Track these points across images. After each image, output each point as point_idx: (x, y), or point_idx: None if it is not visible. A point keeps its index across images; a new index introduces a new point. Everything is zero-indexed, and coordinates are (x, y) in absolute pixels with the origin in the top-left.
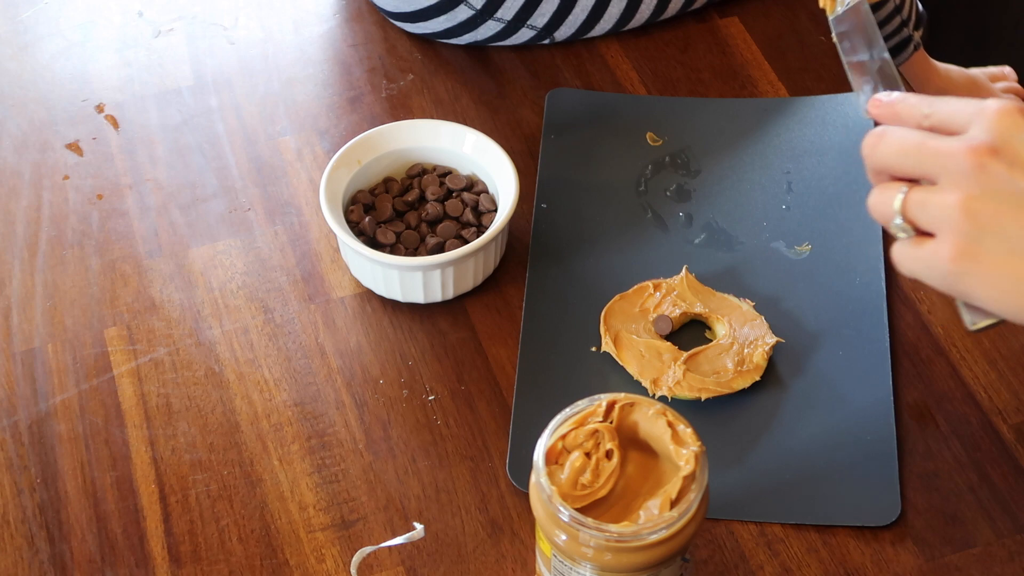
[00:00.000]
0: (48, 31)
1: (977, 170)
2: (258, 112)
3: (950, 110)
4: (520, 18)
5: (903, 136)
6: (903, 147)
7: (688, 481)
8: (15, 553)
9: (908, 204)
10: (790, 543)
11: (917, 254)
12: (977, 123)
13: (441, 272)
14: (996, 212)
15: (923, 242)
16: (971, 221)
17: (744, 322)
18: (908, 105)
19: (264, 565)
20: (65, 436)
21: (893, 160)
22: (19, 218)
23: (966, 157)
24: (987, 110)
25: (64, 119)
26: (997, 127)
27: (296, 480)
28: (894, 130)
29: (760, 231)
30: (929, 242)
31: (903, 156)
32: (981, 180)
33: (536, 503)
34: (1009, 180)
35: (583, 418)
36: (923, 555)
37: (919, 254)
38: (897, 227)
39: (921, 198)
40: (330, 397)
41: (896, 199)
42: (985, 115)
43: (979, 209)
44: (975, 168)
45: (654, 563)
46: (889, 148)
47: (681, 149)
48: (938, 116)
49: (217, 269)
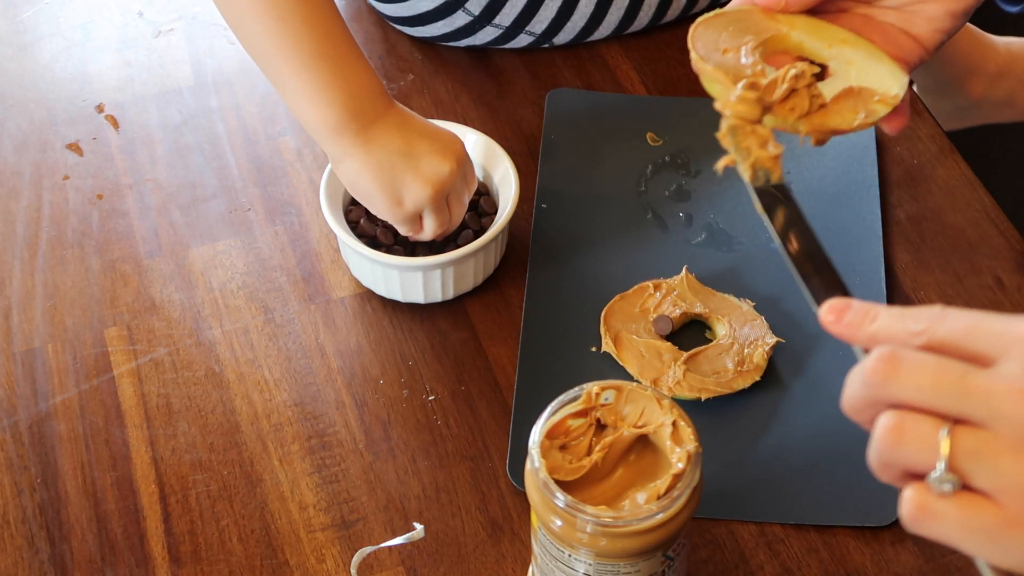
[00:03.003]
0: (48, 31)
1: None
2: (258, 112)
3: (956, 330)
4: (518, 24)
5: (934, 368)
6: (938, 379)
7: (676, 479)
8: (15, 553)
9: (958, 452)
10: (790, 543)
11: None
12: (1018, 353)
13: (441, 272)
14: None
15: (979, 505)
16: None
17: (744, 322)
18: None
19: (264, 565)
20: (65, 436)
21: (919, 396)
22: (19, 218)
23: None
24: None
25: (64, 119)
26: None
27: (296, 480)
28: (916, 356)
29: (760, 231)
30: (988, 507)
31: (938, 391)
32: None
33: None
34: None
35: (580, 403)
36: (923, 555)
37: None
38: (938, 479)
39: (976, 447)
40: (330, 397)
41: (940, 442)
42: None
43: None
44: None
45: (631, 553)
46: (916, 379)
47: (681, 149)
48: (939, 336)
49: (217, 269)
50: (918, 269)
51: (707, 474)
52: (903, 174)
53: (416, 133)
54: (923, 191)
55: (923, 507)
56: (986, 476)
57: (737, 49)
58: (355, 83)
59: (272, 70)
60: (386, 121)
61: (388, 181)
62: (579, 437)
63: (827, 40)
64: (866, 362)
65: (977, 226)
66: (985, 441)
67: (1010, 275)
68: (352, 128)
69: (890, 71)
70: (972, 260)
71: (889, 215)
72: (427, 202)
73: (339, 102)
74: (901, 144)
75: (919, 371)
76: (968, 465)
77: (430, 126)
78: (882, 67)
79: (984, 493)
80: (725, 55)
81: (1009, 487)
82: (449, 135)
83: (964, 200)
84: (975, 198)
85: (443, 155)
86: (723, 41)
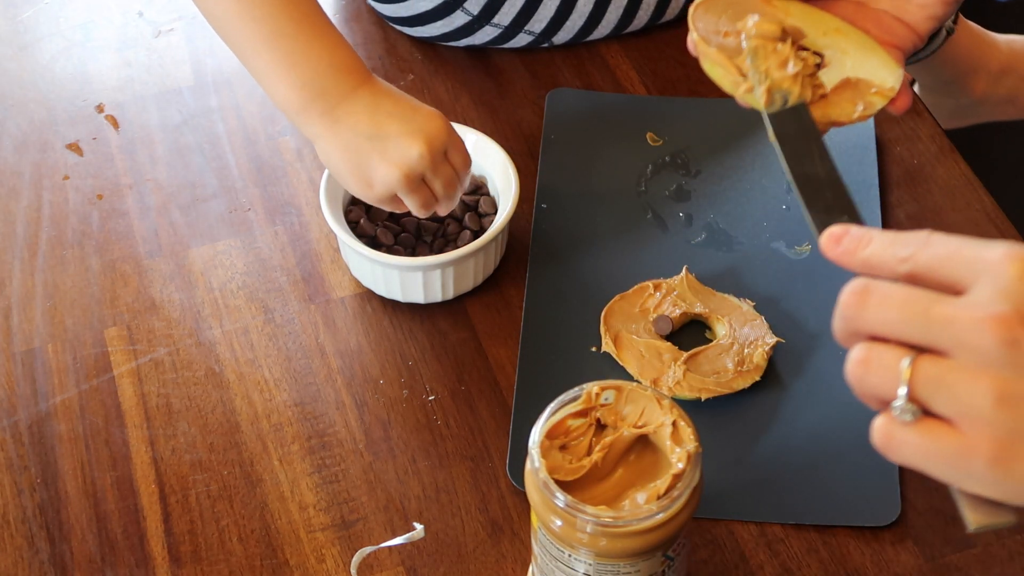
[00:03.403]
0: (48, 31)
1: (1008, 347)
2: (258, 112)
3: (937, 256)
4: (517, 23)
5: (902, 297)
6: (904, 311)
7: (676, 479)
8: (15, 553)
9: (918, 380)
10: (790, 543)
11: (931, 446)
12: (987, 282)
13: (441, 272)
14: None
15: (939, 432)
16: (1011, 412)
17: (744, 322)
18: (879, 246)
19: (264, 565)
20: (65, 436)
21: (890, 327)
22: (19, 218)
23: (991, 330)
24: (996, 264)
25: (64, 119)
26: (1017, 287)
27: (296, 480)
28: (885, 288)
29: (760, 231)
30: (949, 434)
31: (904, 322)
32: (1014, 360)
33: (530, 485)
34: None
35: (580, 403)
36: (923, 555)
37: (935, 447)
38: (899, 408)
39: (935, 376)
40: (330, 397)
41: (901, 371)
42: (997, 272)
43: (1019, 398)
44: (1005, 344)
45: (631, 553)
46: (883, 311)
47: (681, 149)
48: (920, 262)
49: (217, 269)
50: None
51: (707, 474)
52: (903, 174)
53: (385, 114)
54: (923, 191)
55: (889, 435)
56: (945, 403)
57: (737, 33)
58: (320, 60)
59: (238, 50)
60: (354, 100)
61: (356, 163)
62: (579, 437)
63: (821, 28)
64: (841, 295)
65: (977, 226)
66: (946, 369)
67: None
68: (317, 107)
69: (883, 62)
70: None
71: (889, 215)
72: (396, 185)
73: (301, 81)
74: (901, 144)
75: (887, 302)
76: (928, 393)
77: (404, 105)
78: (876, 58)
79: (946, 420)
80: (726, 38)
81: (967, 413)
82: (425, 114)
83: (964, 200)
84: (975, 198)
85: (412, 137)
86: (723, 24)
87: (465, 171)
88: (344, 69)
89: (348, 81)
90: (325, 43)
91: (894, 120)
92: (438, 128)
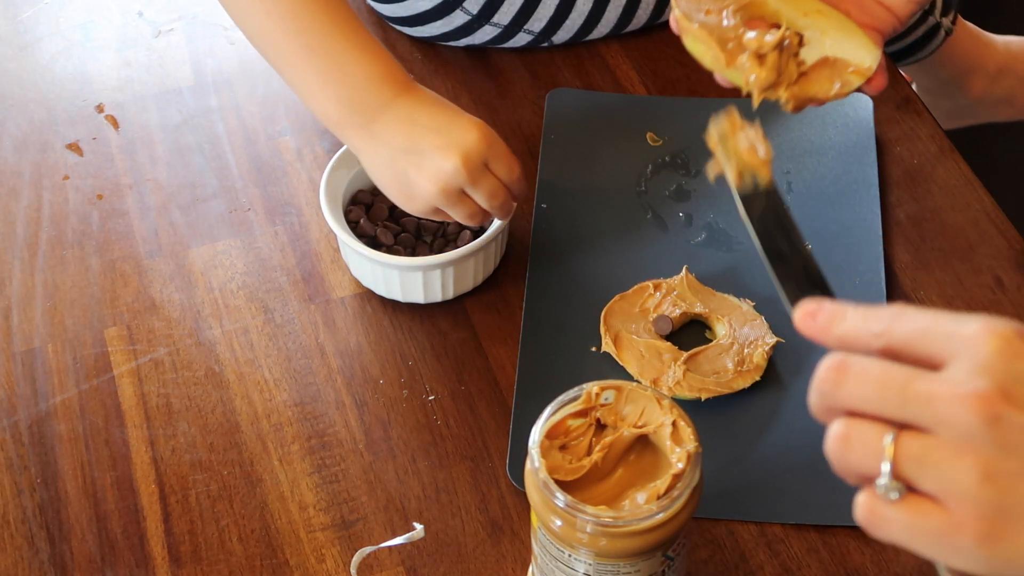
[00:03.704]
0: (48, 31)
1: (990, 424)
2: (258, 112)
3: (913, 331)
4: (517, 23)
5: (879, 374)
6: (882, 388)
7: (676, 479)
8: (15, 553)
9: (902, 458)
10: (790, 543)
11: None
12: (965, 357)
13: (441, 272)
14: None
15: (925, 510)
16: (996, 490)
17: (744, 322)
18: (853, 323)
19: (264, 565)
20: (65, 436)
21: (869, 403)
22: (19, 218)
23: (974, 407)
24: (974, 339)
25: (64, 119)
26: (996, 364)
27: (296, 480)
28: (863, 363)
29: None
30: (934, 512)
31: (882, 400)
32: (996, 436)
33: (530, 485)
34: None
35: (580, 403)
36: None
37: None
38: (884, 485)
39: (918, 453)
40: (330, 397)
41: (884, 448)
42: (975, 347)
43: (1004, 473)
44: (987, 422)
45: (631, 553)
46: (861, 388)
47: (681, 149)
48: (896, 338)
49: (217, 269)
50: (918, 269)
51: (707, 474)
52: (903, 174)
53: (421, 127)
54: (923, 191)
55: (873, 512)
56: (930, 480)
57: (719, 11)
58: (355, 74)
59: (276, 66)
60: (391, 113)
61: (396, 177)
62: (579, 437)
63: (802, 9)
64: (818, 371)
65: (977, 226)
66: (929, 447)
67: (1010, 275)
68: (354, 122)
69: (862, 43)
70: (972, 260)
71: (889, 215)
72: (436, 200)
73: (338, 96)
74: (901, 144)
75: (864, 379)
76: (912, 470)
77: (441, 116)
78: (855, 39)
79: (931, 497)
80: (707, 16)
81: (952, 490)
82: (463, 125)
83: (964, 200)
84: (975, 198)
85: (447, 150)
86: (704, 2)
87: (512, 180)
88: (380, 80)
89: (384, 92)
90: (360, 55)
91: (894, 120)
92: (475, 140)
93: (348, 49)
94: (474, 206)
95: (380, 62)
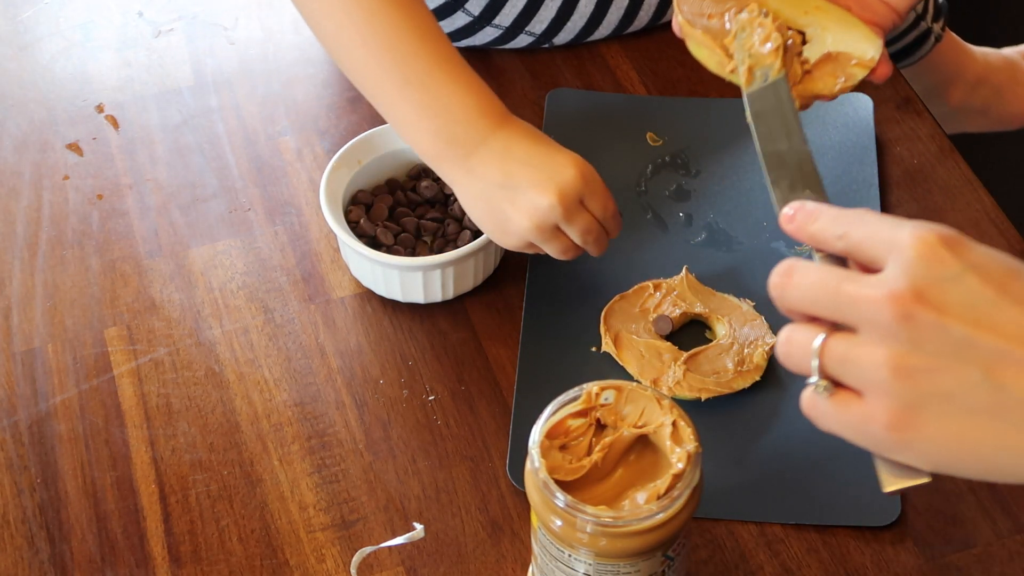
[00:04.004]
0: (48, 31)
1: (902, 322)
2: (258, 112)
3: (864, 235)
4: (518, 24)
5: (815, 279)
6: (815, 291)
7: (676, 479)
8: (15, 553)
9: (826, 358)
10: (790, 543)
11: (842, 416)
12: (894, 260)
13: (441, 272)
14: (931, 369)
15: (847, 403)
16: (905, 383)
17: (744, 322)
18: (823, 223)
19: (264, 565)
20: (65, 436)
21: (805, 305)
22: (19, 218)
23: (888, 307)
24: (903, 244)
25: (64, 119)
26: (916, 267)
27: (296, 480)
28: (804, 269)
29: (760, 231)
30: (855, 404)
31: (815, 302)
32: (909, 333)
33: (530, 485)
34: (940, 329)
35: (580, 403)
36: (923, 555)
37: (845, 417)
38: (814, 382)
39: (841, 352)
40: (330, 397)
41: (812, 350)
42: (902, 251)
43: (912, 368)
44: (900, 319)
45: (631, 553)
46: (799, 291)
47: (681, 149)
48: (852, 240)
49: (217, 269)
50: None
51: (707, 474)
52: (903, 174)
53: (517, 162)
54: (923, 191)
55: (812, 406)
56: (851, 376)
57: (721, 15)
58: (452, 107)
59: (372, 99)
60: (487, 148)
61: (491, 212)
62: (579, 437)
63: (802, 8)
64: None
65: (977, 226)
66: (851, 345)
67: None
68: (450, 156)
69: (864, 35)
70: None
71: (889, 215)
72: (530, 235)
73: (435, 129)
74: (901, 144)
75: (803, 283)
76: (836, 369)
77: (538, 151)
78: (856, 32)
79: (854, 391)
80: (711, 20)
81: (868, 384)
82: (560, 161)
83: (964, 200)
84: (975, 198)
85: (543, 187)
86: (707, 7)
87: (606, 217)
88: (478, 114)
89: (481, 127)
90: (458, 88)
91: (894, 120)
92: (572, 177)
93: (446, 82)
94: (568, 242)
95: (477, 95)
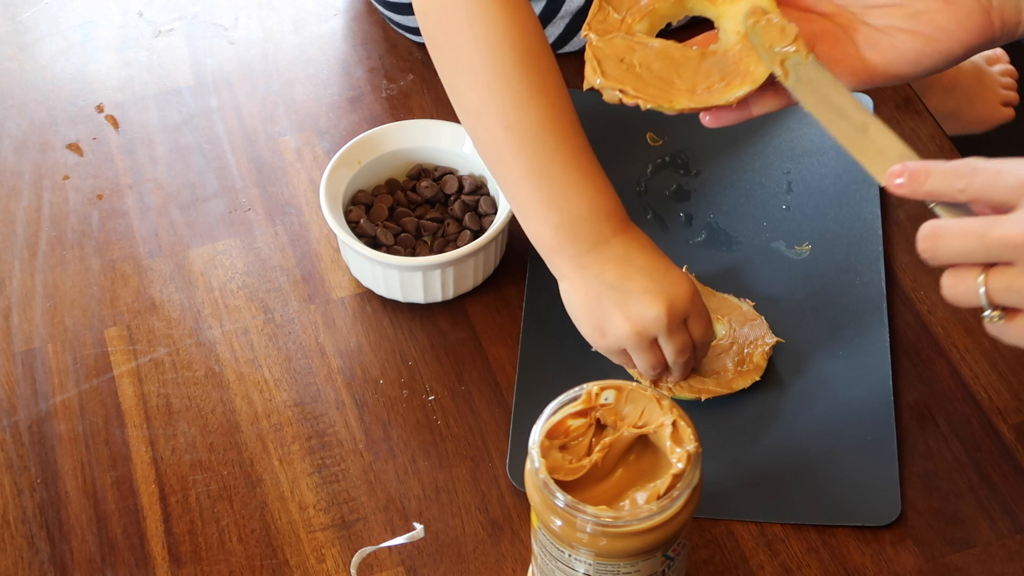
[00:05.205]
0: (48, 31)
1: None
2: (258, 112)
3: (985, 184)
4: None
5: (961, 232)
6: (965, 243)
7: (676, 479)
8: (15, 553)
9: (992, 293)
10: (790, 543)
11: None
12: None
13: (441, 272)
14: None
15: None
16: None
17: (744, 322)
18: (937, 180)
19: (264, 565)
20: (65, 436)
21: (960, 258)
22: (19, 218)
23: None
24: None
25: (64, 119)
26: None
27: (296, 480)
28: (947, 227)
29: (760, 231)
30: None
31: (969, 252)
32: None
33: (530, 485)
34: None
35: (580, 403)
36: (923, 555)
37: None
38: (988, 315)
39: (1004, 284)
40: (330, 397)
41: (979, 290)
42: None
43: None
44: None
45: (631, 553)
46: (951, 248)
47: (681, 149)
48: (974, 190)
49: (217, 269)
50: (918, 269)
51: (707, 474)
52: None
53: (636, 268)
54: None
55: (996, 331)
56: (1016, 301)
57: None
58: (579, 205)
59: (499, 180)
60: (607, 249)
61: (594, 310)
62: (579, 437)
63: None
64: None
65: None
66: (1013, 276)
67: None
68: (569, 250)
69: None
70: None
71: (889, 215)
72: (628, 341)
73: (558, 222)
74: None
75: (949, 238)
76: (1003, 297)
77: (655, 262)
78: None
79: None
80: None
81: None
82: (675, 277)
83: None
84: None
85: (654, 296)
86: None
87: (703, 343)
88: (603, 216)
89: (605, 229)
90: (587, 187)
91: (894, 120)
92: (684, 293)
93: (578, 180)
94: (660, 357)
95: (605, 197)
